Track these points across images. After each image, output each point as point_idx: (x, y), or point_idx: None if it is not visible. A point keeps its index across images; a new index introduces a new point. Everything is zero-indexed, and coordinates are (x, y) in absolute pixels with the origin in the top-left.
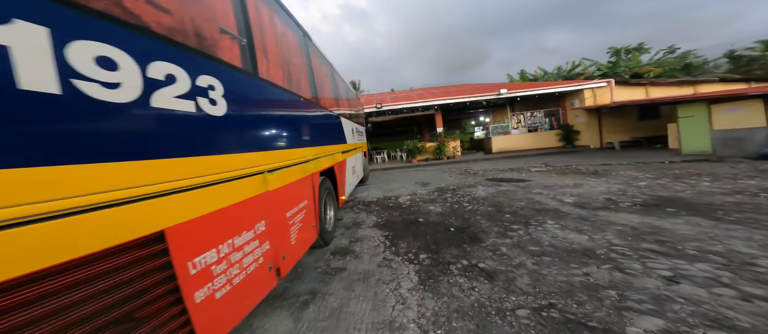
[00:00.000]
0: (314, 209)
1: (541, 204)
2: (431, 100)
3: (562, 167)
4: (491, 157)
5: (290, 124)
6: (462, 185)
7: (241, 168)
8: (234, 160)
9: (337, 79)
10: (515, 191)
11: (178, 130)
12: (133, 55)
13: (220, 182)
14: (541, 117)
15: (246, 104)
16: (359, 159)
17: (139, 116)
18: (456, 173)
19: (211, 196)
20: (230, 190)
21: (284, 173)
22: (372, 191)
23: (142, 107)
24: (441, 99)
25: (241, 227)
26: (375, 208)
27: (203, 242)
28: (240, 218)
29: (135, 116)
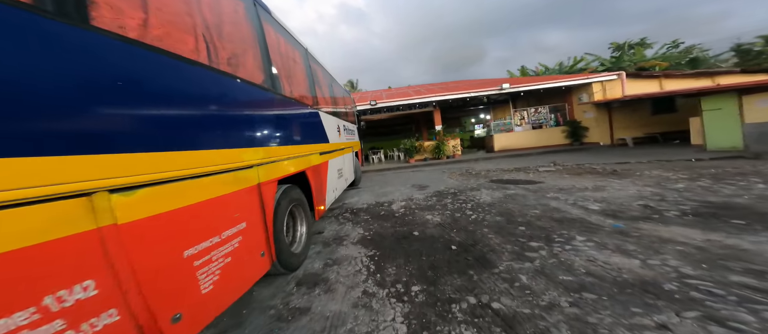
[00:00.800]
0: (264, 231)
1: (562, 212)
2: (428, 97)
3: (573, 167)
4: (493, 156)
5: (201, 110)
6: (463, 187)
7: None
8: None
9: (314, 67)
10: (525, 195)
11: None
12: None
13: None
14: (545, 113)
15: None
16: (349, 160)
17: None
18: (456, 173)
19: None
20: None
21: (176, 190)
22: (363, 196)
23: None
24: (439, 95)
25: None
26: (364, 217)
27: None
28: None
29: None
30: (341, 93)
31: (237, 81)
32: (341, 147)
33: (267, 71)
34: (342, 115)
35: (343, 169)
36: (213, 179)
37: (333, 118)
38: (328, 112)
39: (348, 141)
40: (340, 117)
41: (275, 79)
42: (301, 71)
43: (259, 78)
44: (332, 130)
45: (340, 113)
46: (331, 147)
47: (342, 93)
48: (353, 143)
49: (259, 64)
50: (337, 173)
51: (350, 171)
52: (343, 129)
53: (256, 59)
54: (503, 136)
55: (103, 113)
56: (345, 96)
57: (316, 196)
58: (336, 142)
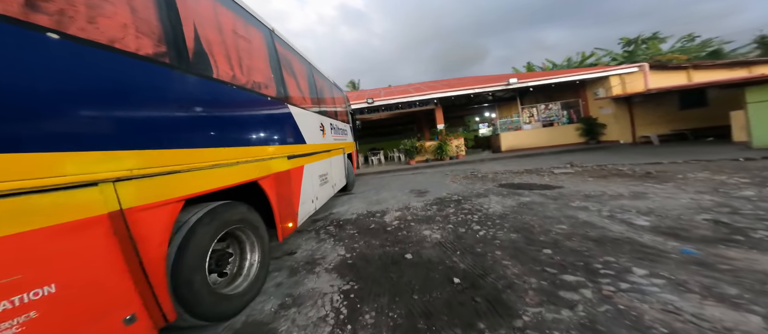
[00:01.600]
0: (133, 282)
1: (598, 228)
2: (430, 94)
3: (595, 168)
4: (500, 156)
5: None
6: (468, 193)
7: None
8: None
9: (285, 54)
10: (545, 203)
11: None
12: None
13: None
14: (557, 110)
15: None
16: (338, 164)
17: None
18: (460, 176)
19: None
20: None
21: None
22: (354, 203)
23: None
24: (441, 92)
25: None
26: (350, 231)
27: None
28: None
29: None
30: (330, 88)
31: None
32: (327, 149)
33: (161, 34)
34: (330, 113)
35: (329, 174)
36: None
37: (314, 116)
38: (306, 108)
39: (338, 142)
40: (328, 115)
41: (185, 49)
42: (260, 54)
43: (145, 43)
44: (312, 130)
45: (328, 111)
46: (311, 149)
47: (331, 89)
48: (346, 144)
49: (158, 26)
50: (319, 179)
51: (341, 175)
52: (330, 128)
53: (158, 22)
54: (511, 135)
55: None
56: (335, 92)
57: (282, 211)
58: (319, 144)
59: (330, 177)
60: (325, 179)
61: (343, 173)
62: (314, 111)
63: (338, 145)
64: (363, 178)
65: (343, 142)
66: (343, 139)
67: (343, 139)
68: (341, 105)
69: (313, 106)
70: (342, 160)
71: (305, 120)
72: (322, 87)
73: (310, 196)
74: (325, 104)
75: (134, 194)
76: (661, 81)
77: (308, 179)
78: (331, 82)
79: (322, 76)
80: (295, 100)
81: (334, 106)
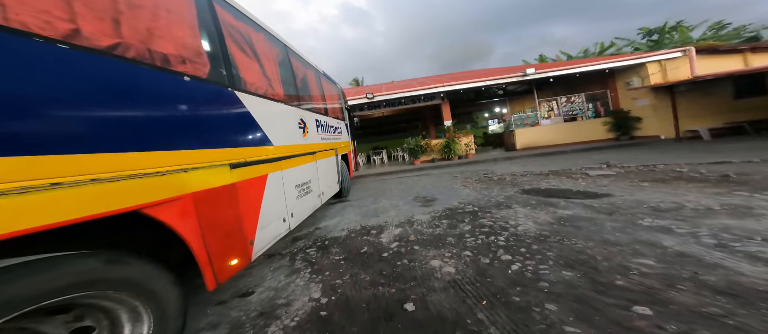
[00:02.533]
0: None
1: (709, 266)
2: (436, 87)
3: (642, 169)
4: (515, 155)
5: None
6: (486, 202)
7: None
8: None
9: (238, 27)
10: (596, 219)
11: None
12: None
13: None
14: (581, 103)
15: None
16: (327, 167)
17: None
18: (472, 179)
19: None
20: None
21: None
22: (348, 214)
23: None
24: (448, 85)
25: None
26: (334, 256)
27: None
28: None
29: None
30: (317, 79)
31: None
32: (311, 150)
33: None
34: (317, 108)
35: (313, 181)
36: None
37: (291, 110)
38: (275, 99)
39: (328, 141)
40: (314, 110)
41: None
42: (173, 12)
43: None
44: (285, 128)
45: (314, 105)
46: (281, 152)
47: (318, 79)
48: (340, 144)
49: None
50: (296, 189)
51: (332, 181)
52: (316, 126)
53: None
54: (527, 132)
55: None
56: (326, 84)
57: (214, 246)
58: (296, 145)
59: (315, 185)
60: (308, 188)
61: (335, 178)
62: (291, 104)
63: (328, 145)
64: (362, 181)
65: (335, 142)
66: (335, 139)
67: (335, 139)
68: (334, 100)
69: (289, 97)
70: (333, 164)
71: (272, 115)
72: (304, 76)
73: (280, 213)
74: (310, 97)
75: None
76: (711, 67)
77: (276, 192)
78: (319, 72)
79: (305, 64)
80: (255, 87)
81: (323, 101)
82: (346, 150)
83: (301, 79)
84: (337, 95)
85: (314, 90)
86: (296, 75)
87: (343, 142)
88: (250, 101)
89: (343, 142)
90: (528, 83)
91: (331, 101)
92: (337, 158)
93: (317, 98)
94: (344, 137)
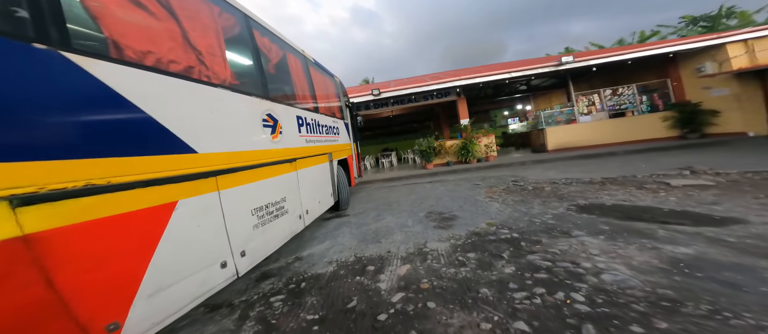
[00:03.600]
0: None
1: None
2: (450, 81)
3: (753, 178)
4: (547, 157)
5: None
6: (528, 224)
7: None
8: None
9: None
10: (747, 268)
11: None
12: None
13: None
14: (631, 95)
15: None
16: (313, 179)
17: None
18: (499, 188)
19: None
20: None
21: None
22: (342, 236)
23: None
24: (464, 78)
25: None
26: (306, 314)
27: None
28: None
29: None
30: (300, 66)
31: None
32: (287, 157)
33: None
34: (300, 102)
35: (287, 199)
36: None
37: (246, 101)
38: (210, 81)
39: (318, 145)
40: (294, 104)
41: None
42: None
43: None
44: (232, 125)
45: (293, 99)
46: (220, 162)
47: (303, 67)
48: (336, 148)
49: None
50: (249, 216)
51: (322, 194)
52: (297, 125)
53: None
54: (560, 130)
55: None
56: (314, 74)
57: None
58: (256, 150)
59: (293, 203)
60: (279, 210)
61: (327, 190)
62: (248, 93)
63: (319, 150)
64: (367, 188)
65: (330, 145)
66: (330, 141)
67: (330, 141)
68: (330, 94)
69: (245, 83)
70: (326, 172)
71: (197, 104)
72: (281, 61)
73: (212, 256)
74: (289, 87)
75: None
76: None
77: (200, 225)
78: (307, 59)
79: (282, 44)
80: (138, 53)
81: (311, 94)
82: (345, 154)
83: (272, 61)
84: (335, 90)
85: (298, 79)
86: (262, 54)
87: (342, 145)
88: (135, 81)
89: (342, 145)
90: (559, 76)
91: (324, 96)
92: (332, 165)
93: (302, 90)
94: (343, 139)
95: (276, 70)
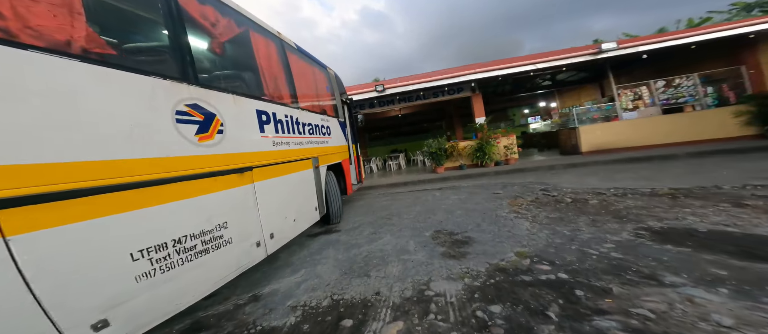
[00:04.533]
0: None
1: None
2: (466, 75)
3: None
4: (580, 161)
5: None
6: (579, 258)
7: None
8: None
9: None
10: None
11: None
12: None
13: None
14: (692, 87)
15: None
16: (289, 190)
17: None
18: (526, 198)
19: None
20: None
21: None
22: (321, 265)
23: None
24: (481, 71)
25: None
26: None
27: None
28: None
29: None
30: (273, 48)
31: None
32: (231, 167)
33: None
34: (268, 91)
35: (228, 225)
36: None
37: (129, 81)
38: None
39: (297, 148)
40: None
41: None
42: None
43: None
44: (105, 120)
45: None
46: (67, 177)
47: (278, 50)
48: (326, 151)
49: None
50: (130, 262)
51: (298, 211)
52: (257, 122)
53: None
54: (598, 129)
55: None
56: (294, 60)
57: None
58: (160, 158)
59: (238, 229)
60: (211, 242)
61: (308, 203)
62: (145, 72)
63: (294, 154)
64: (368, 195)
65: (316, 148)
66: (317, 143)
67: (317, 143)
68: (320, 88)
69: (139, 58)
70: (307, 181)
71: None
72: (227, 34)
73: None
74: (249, 75)
75: None
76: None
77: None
78: (281, 40)
79: (236, 16)
80: None
81: (288, 83)
82: (338, 157)
83: (214, 36)
84: (327, 84)
85: (266, 65)
86: (185, 20)
87: (334, 147)
88: None
89: (334, 148)
90: (596, 66)
91: (309, 89)
92: (319, 172)
93: (273, 79)
94: (337, 140)
95: (221, 49)
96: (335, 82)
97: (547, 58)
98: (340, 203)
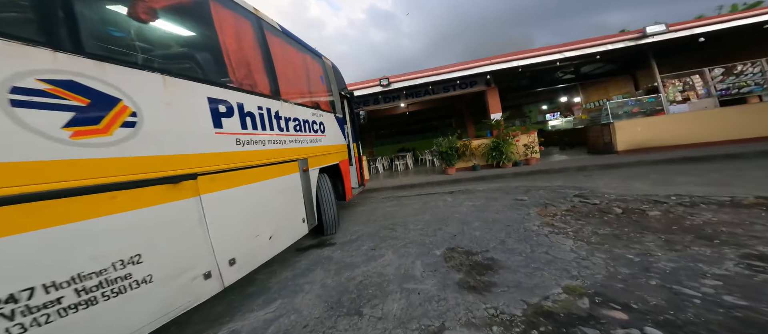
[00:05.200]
0: None
1: None
2: (480, 67)
3: None
4: (616, 161)
5: None
6: (669, 301)
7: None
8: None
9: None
10: None
11: None
12: None
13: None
14: (757, 74)
15: None
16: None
17: None
18: (559, 208)
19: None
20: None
21: None
22: (303, 293)
23: None
24: (498, 62)
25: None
26: None
27: None
28: None
29: None
30: (249, 25)
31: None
32: (171, 172)
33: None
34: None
35: (142, 258)
36: None
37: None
38: None
39: (281, 147)
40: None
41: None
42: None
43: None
44: None
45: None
46: None
47: (254, 28)
48: (316, 151)
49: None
50: None
51: (280, 224)
52: (214, 115)
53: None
54: (638, 124)
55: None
56: (275, 42)
57: None
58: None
59: (164, 263)
60: (112, 283)
61: (292, 215)
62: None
63: (272, 155)
64: (372, 198)
65: (304, 148)
66: (307, 141)
67: (307, 141)
68: (313, 79)
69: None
70: (291, 188)
71: None
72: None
73: None
74: (204, 55)
75: None
76: None
77: None
78: (258, 18)
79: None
80: None
81: (265, 69)
82: (335, 159)
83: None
84: (322, 74)
85: (233, 42)
86: None
87: (329, 147)
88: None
89: (329, 148)
90: (637, 51)
91: (297, 78)
92: (308, 177)
93: (241, 62)
94: (333, 139)
95: (148, 15)
96: (332, 74)
97: (577, 46)
98: (335, 210)
